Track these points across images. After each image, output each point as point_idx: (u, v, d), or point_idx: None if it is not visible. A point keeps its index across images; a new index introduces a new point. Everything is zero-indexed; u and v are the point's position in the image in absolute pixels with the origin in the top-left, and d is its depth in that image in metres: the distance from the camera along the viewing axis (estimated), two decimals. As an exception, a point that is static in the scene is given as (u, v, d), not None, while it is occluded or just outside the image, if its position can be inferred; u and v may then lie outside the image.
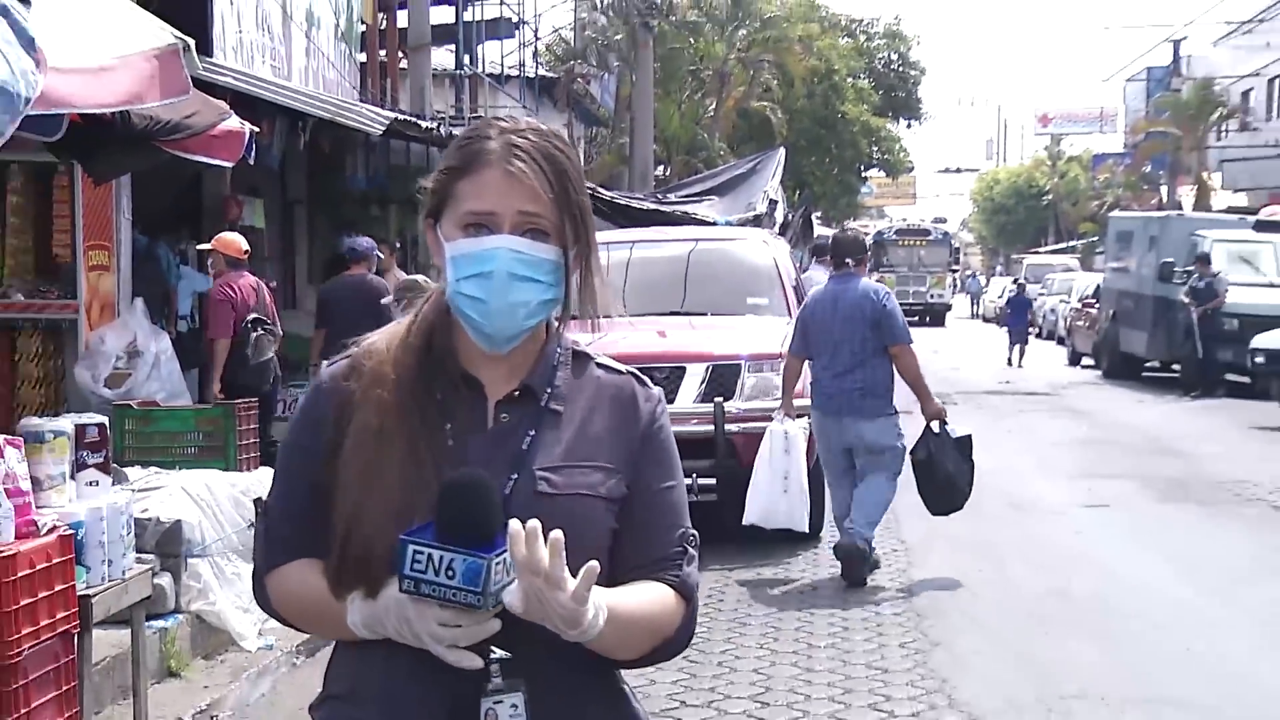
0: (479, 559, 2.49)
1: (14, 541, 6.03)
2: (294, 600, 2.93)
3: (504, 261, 2.77)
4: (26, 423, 6.98)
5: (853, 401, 12.00)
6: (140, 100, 8.35)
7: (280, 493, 3.00)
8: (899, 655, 9.72)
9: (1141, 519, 15.05)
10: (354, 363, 2.91)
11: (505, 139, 2.84)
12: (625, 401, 2.99)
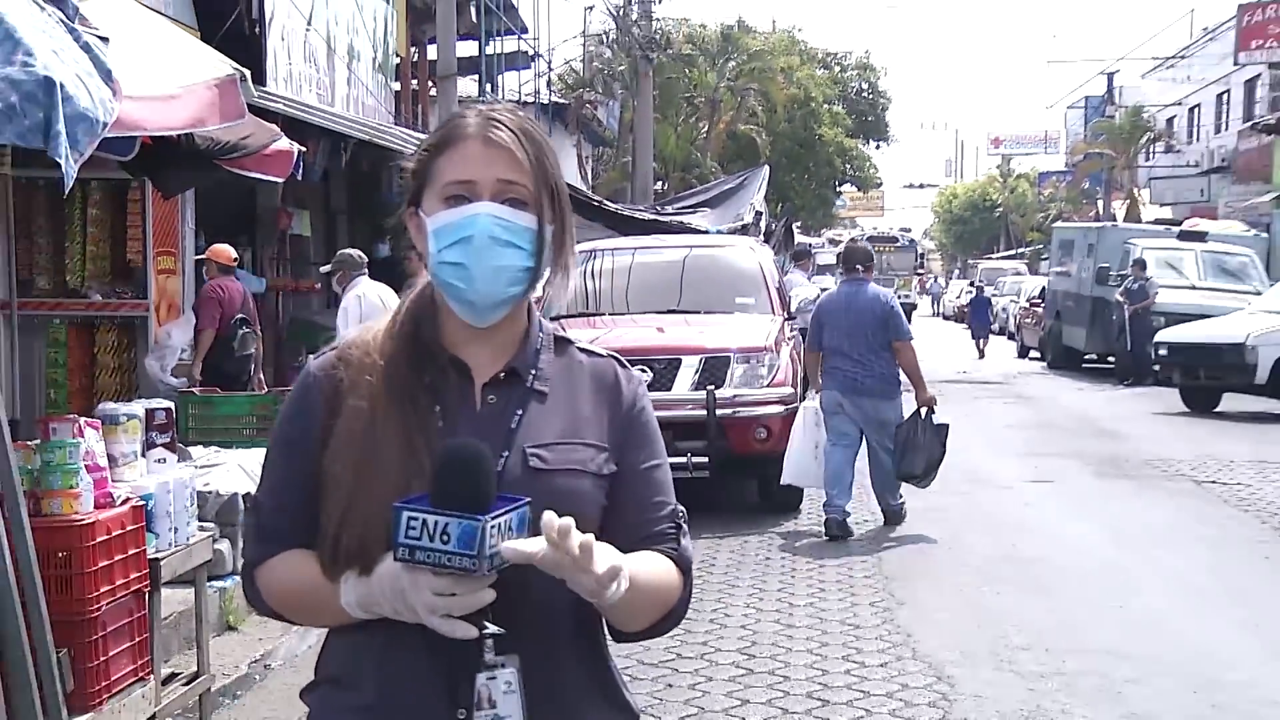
0: (474, 520, 2.25)
1: (93, 511, 6.02)
2: (285, 590, 2.66)
3: (485, 225, 2.54)
4: (103, 407, 6.99)
5: (870, 386, 12.58)
6: (203, 124, 8.36)
7: (270, 485, 2.73)
8: (869, 613, 9.72)
9: (1080, 492, 15.05)
10: (341, 354, 2.69)
11: (482, 116, 2.65)
12: (608, 384, 2.77)
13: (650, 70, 37.79)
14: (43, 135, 5.64)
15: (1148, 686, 7.43)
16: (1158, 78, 62.87)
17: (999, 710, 7.56)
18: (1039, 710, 7.56)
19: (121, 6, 8.17)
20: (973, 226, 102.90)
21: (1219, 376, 22.37)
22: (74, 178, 5.96)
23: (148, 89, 7.25)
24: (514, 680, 2.43)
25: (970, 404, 23.12)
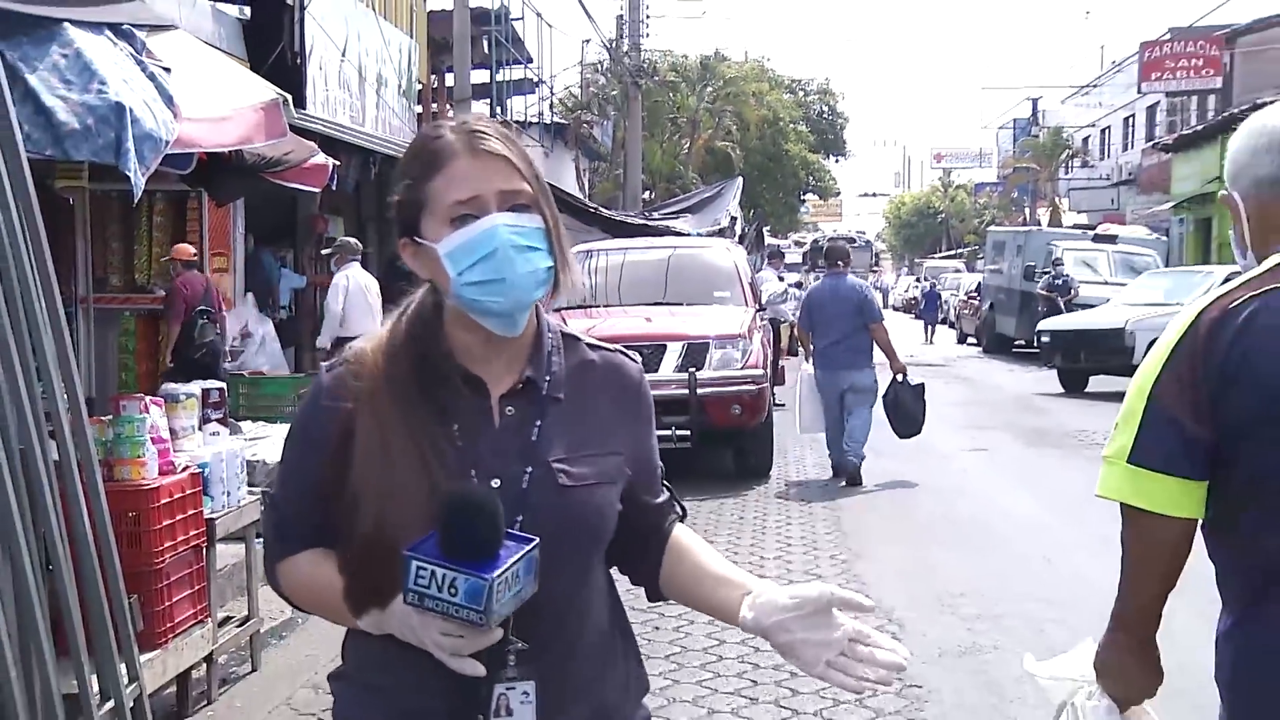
0: (481, 580, 2.00)
1: (157, 477, 6.06)
2: (305, 590, 2.38)
3: (505, 237, 2.19)
4: (166, 388, 7.01)
5: (847, 359, 13.35)
6: (250, 141, 8.36)
7: (286, 487, 2.41)
8: (830, 565, 9.74)
9: (1011, 460, 15.09)
10: (346, 378, 2.31)
11: (460, 130, 2.27)
12: (619, 380, 2.45)
13: (639, 95, 37.89)
14: (114, 153, 5.66)
15: (1066, 626, 7.43)
16: (1075, 103, 63.29)
17: (941, 647, 7.58)
18: (974, 646, 7.60)
19: (182, 41, 8.17)
20: (918, 230, 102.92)
21: (1099, 359, 22.19)
22: (141, 189, 5.97)
23: (203, 112, 7.24)
24: (531, 691, 2.21)
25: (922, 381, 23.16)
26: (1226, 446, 2.62)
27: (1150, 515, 2.67)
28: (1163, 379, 2.65)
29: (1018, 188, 68.24)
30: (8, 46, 5.31)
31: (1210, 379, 2.60)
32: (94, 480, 5.37)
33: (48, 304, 5.18)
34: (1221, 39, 41.84)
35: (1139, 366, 2.76)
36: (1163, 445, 2.63)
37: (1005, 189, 73.84)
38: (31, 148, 5.31)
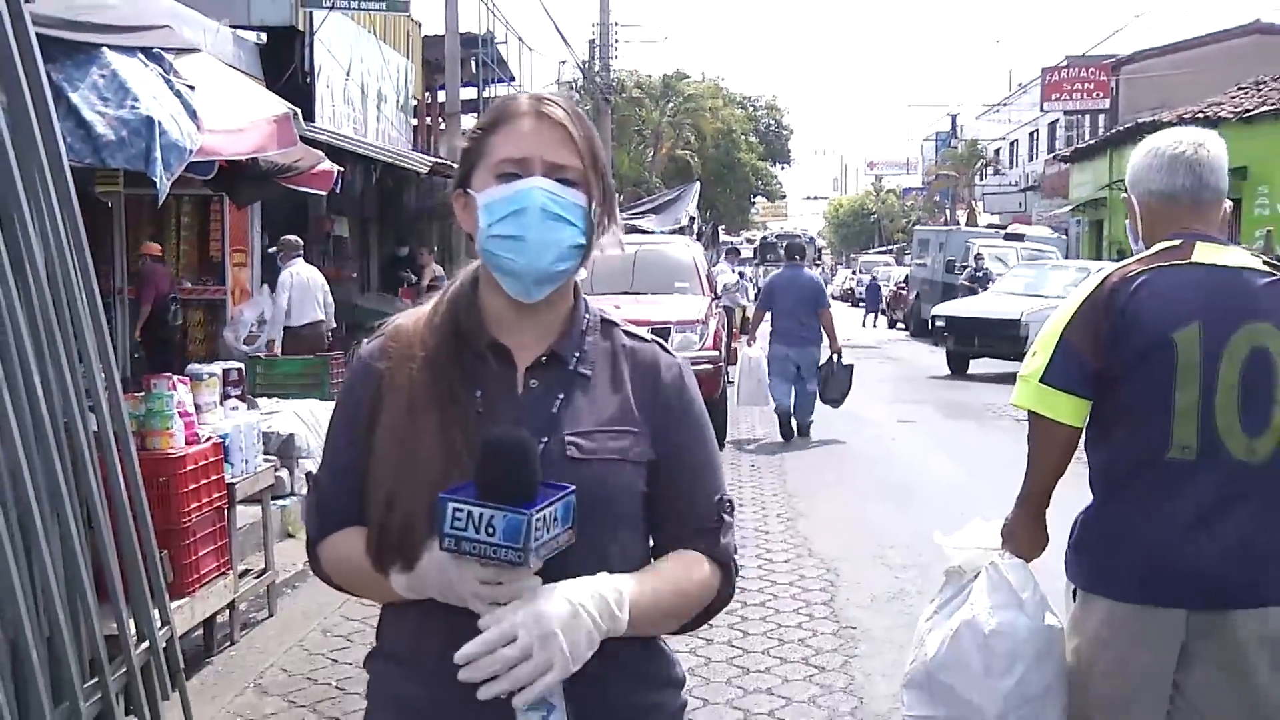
0: (519, 514, 1.79)
1: (184, 447, 6.07)
2: (345, 566, 2.14)
3: (538, 198, 2.00)
4: (191, 368, 7.01)
5: (800, 337, 14.26)
6: (264, 150, 8.37)
7: (329, 466, 2.19)
8: (777, 522, 9.77)
9: (935, 430, 15.16)
10: (386, 344, 2.13)
11: (534, 98, 2.12)
12: (650, 369, 2.17)
13: (609, 109, 37.88)
14: (144, 161, 5.66)
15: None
16: (987, 119, 63.80)
17: (872, 593, 7.63)
18: (901, 591, 7.64)
19: (205, 63, 8.15)
20: (854, 229, 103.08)
21: (992, 345, 21.99)
22: (166, 193, 5.98)
23: (223, 124, 7.23)
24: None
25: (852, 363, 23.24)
26: (1110, 378, 3.19)
27: (1051, 421, 3.28)
28: (1074, 322, 3.23)
29: (940, 192, 68.70)
30: (54, 69, 5.30)
31: (1107, 325, 3.18)
32: (129, 449, 5.39)
33: (87, 295, 5.19)
34: (1109, 66, 42.54)
35: (1055, 310, 3.35)
36: (1067, 371, 3.22)
37: (929, 193, 74.27)
38: (73, 156, 5.32)
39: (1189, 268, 3.19)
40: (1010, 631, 3.23)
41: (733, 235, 59.31)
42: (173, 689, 5.49)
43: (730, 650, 6.52)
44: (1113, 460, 3.28)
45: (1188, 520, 3.11)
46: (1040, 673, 3.23)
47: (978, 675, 3.24)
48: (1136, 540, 3.18)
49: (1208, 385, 3.11)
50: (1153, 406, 3.15)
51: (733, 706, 5.73)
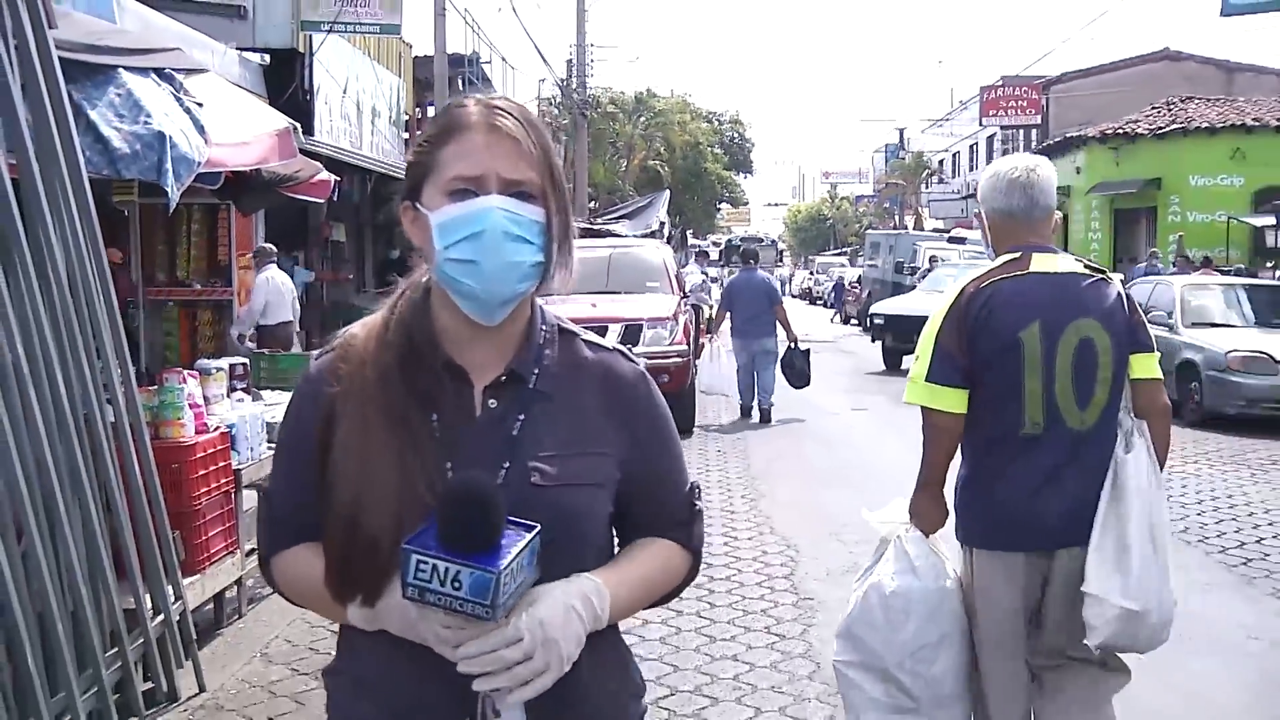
0: (488, 572, 1.59)
1: (194, 436, 6.04)
2: (298, 584, 1.91)
3: (496, 220, 1.75)
4: (200, 363, 7.00)
5: (757, 330, 14.76)
6: (267, 161, 8.34)
7: (280, 481, 1.96)
8: (741, 502, 9.79)
9: (886, 417, 15.14)
10: (336, 363, 1.87)
11: (483, 105, 1.84)
12: (614, 381, 1.95)
13: (585, 123, 37.91)
14: (156, 172, 5.66)
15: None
16: (932, 133, 64.05)
17: (828, 567, 7.64)
18: (855, 565, 7.53)
19: (213, 82, 8.12)
20: (811, 233, 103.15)
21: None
22: (176, 202, 5.98)
23: (229, 138, 7.21)
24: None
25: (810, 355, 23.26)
26: (976, 371, 3.66)
27: (939, 412, 3.74)
28: (943, 328, 3.69)
29: (889, 199, 68.91)
30: (75, 89, 5.31)
31: (968, 329, 3.64)
32: (143, 438, 5.40)
33: (104, 296, 5.19)
34: (1040, 86, 42.92)
35: (928, 320, 3.78)
36: (944, 368, 3.68)
37: (879, 200, 74.47)
38: (91, 168, 5.33)
39: (1027, 277, 3.68)
40: (905, 593, 3.70)
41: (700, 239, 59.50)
42: (186, 658, 5.51)
43: (698, 620, 6.54)
44: (979, 437, 3.74)
45: (1037, 482, 3.63)
46: (932, 626, 3.68)
47: (881, 628, 3.72)
48: (999, 500, 3.70)
49: (1049, 372, 3.61)
50: (1009, 393, 3.64)
51: (700, 672, 5.75)
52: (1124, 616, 3.52)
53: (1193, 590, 7.32)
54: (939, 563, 3.77)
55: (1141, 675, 5.73)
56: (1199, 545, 8.39)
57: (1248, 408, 13.86)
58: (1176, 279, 17.09)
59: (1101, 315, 3.64)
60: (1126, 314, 3.70)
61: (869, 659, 3.74)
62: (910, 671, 3.68)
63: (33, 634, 4.30)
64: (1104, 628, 3.54)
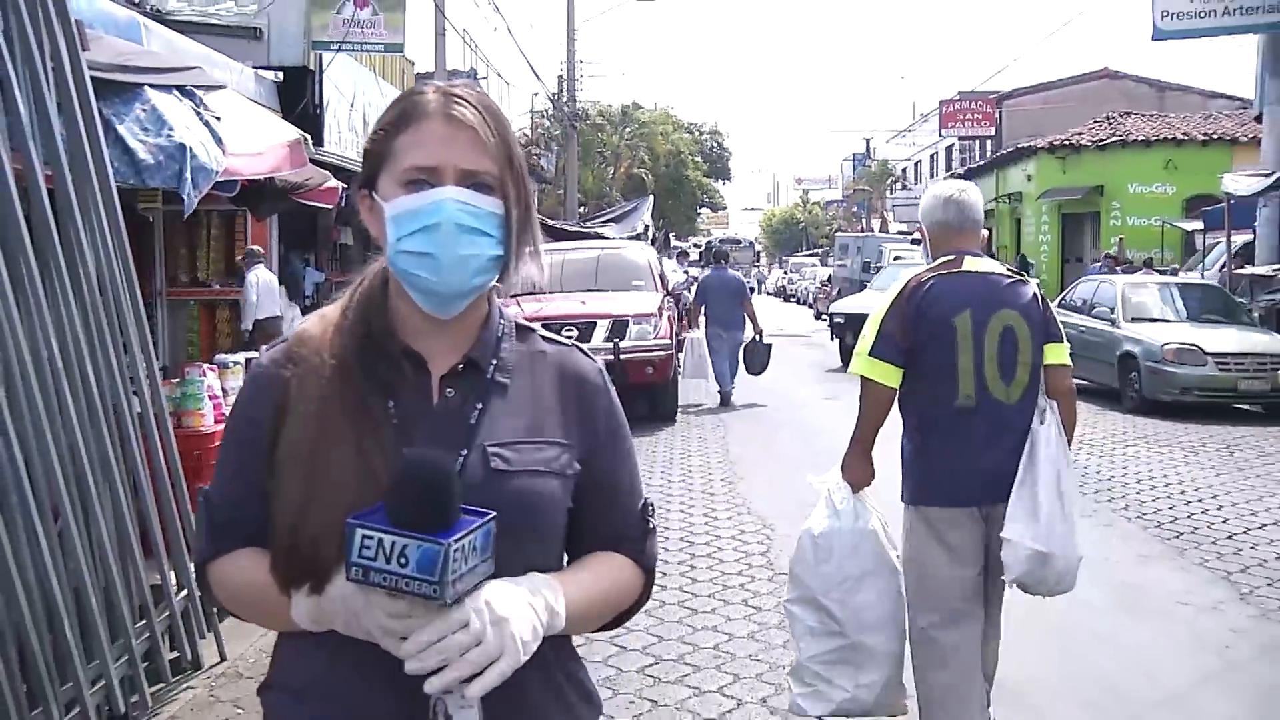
0: (435, 544, 1.37)
1: (214, 425, 6.07)
2: (236, 590, 1.68)
3: (451, 212, 1.57)
4: (219, 357, 7.00)
5: (730, 323, 15.26)
6: (279, 170, 8.34)
7: (222, 482, 1.72)
8: (720, 484, 9.81)
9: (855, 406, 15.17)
10: (292, 350, 1.67)
11: (441, 92, 1.64)
12: (570, 375, 1.77)
13: (575, 134, 37.85)
14: (177, 181, 5.65)
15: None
16: (896, 143, 64.19)
17: (800, 544, 7.65)
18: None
19: (230, 98, 8.10)
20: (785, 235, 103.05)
21: None
22: (193, 208, 5.98)
23: (244, 149, 7.21)
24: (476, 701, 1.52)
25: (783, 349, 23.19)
26: (915, 351, 4.01)
27: (876, 383, 4.15)
28: (888, 314, 4.06)
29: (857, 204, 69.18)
30: (105, 105, 5.31)
31: (908, 315, 4.01)
32: (166, 427, 5.40)
33: (130, 296, 5.18)
34: (993, 100, 43.24)
35: (876, 305, 4.18)
36: (886, 348, 4.05)
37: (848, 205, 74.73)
38: (119, 178, 5.32)
39: (960, 275, 4.06)
40: (829, 534, 4.18)
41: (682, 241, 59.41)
42: (208, 630, 5.51)
43: (681, 595, 6.55)
44: (920, 409, 4.12)
45: (973, 447, 3.96)
46: (852, 562, 4.11)
47: (810, 565, 4.17)
48: (939, 464, 4.06)
49: (978, 353, 3.95)
50: (945, 370, 3.97)
51: (683, 641, 5.76)
52: (1033, 558, 3.88)
53: (1131, 561, 7.38)
54: (862, 510, 4.20)
55: (1085, 637, 5.80)
56: (1137, 520, 8.44)
57: (1181, 395, 13.96)
58: (1119, 278, 17.18)
59: (1021, 309, 4.01)
60: (1041, 310, 4.08)
61: (805, 593, 4.16)
62: (836, 601, 4.09)
63: (70, 607, 4.31)
64: (1017, 566, 3.90)
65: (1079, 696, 5.08)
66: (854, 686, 4.10)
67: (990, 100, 43.01)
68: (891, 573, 4.13)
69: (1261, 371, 13.67)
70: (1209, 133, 31.44)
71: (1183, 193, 29.73)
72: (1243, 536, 7.96)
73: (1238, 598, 6.57)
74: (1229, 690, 5.21)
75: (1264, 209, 18.57)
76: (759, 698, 5.00)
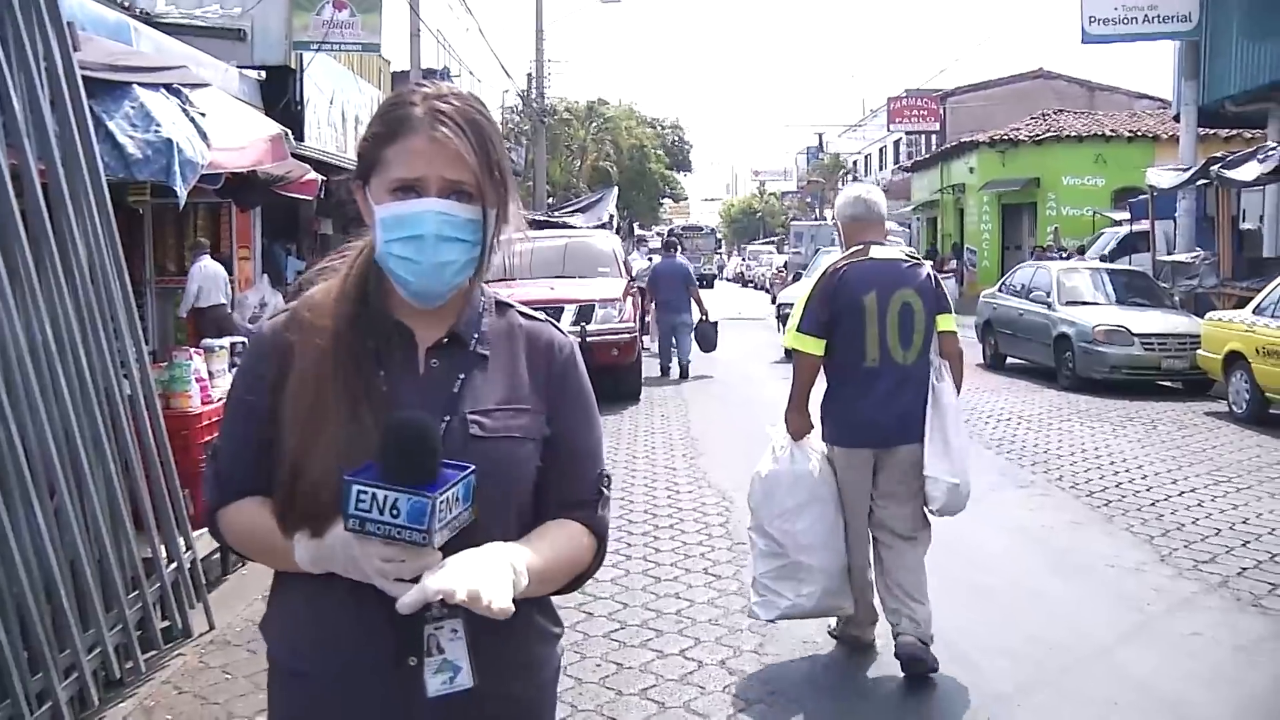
0: (424, 498, 1.50)
1: (200, 406, 6.03)
2: (245, 535, 1.78)
3: (432, 224, 1.66)
4: (205, 342, 6.92)
5: (676, 306, 16.08)
6: (262, 163, 8.31)
7: (228, 436, 1.83)
8: (681, 459, 9.84)
9: (805, 384, 15.30)
10: (294, 314, 1.78)
11: (429, 104, 1.70)
12: (543, 348, 1.85)
13: (543, 128, 37.67)
14: (165, 174, 5.61)
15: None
16: (848, 137, 64.38)
17: (756, 514, 7.70)
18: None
19: (215, 96, 8.03)
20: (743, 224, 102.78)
21: None
22: (184, 200, 5.93)
23: (228, 143, 7.16)
24: (460, 628, 1.63)
25: (740, 332, 23.28)
26: (833, 323, 4.77)
27: (805, 353, 4.84)
28: (813, 294, 4.82)
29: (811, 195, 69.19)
30: (95, 102, 5.27)
31: (829, 295, 4.78)
32: (155, 408, 5.36)
33: (121, 284, 5.15)
34: (938, 97, 43.40)
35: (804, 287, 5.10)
36: (811, 323, 4.80)
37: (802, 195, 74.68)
38: (109, 172, 5.28)
39: (867, 261, 4.80)
40: (773, 475, 4.87)
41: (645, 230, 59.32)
42: (197, 600, 5.50)
43: (645, 564, 6.59)
44: (836, 369, 4.86)
45: (878, 399, 4.74)
46: (790, 498, 4.79)
47: (760, 499, 4.90)
48: (850, 412, 4.82)
49: (882, 324, 4.72)
50: (856, 338, 4.74)
51: (647, 608, 5.79)
52: (951, 489, 4.71)
53: (1064, 527, 7.48)
54: (800, 454, 4.86)
55: (1019, 596, 5.90)
56: (1070, 490, 8.55)
57: (1110, 373, 14.12)
58: (1053, 264, 17.35)
59: (917, 288, 4.79)
60: (934, 288, 4.85)
61: (757, 523, 4.91)
62: (779, 529, 4.80)
63: (66, 579, 4.30)
64: (940, 497, 4.72)
65: (1013, 651, 5.16)
66: (795, 596, 4.80)
67: (935, 97, 43.20)
68: (825, 504, 4.79)
69: (1182, 351, 13.85)
70: (1135, 130, 32.03)
71: (1111, 185, 30.20)
72: (1164, 503, 8.08)
73: (1158, 559, 6.68)
74: (1148, 642, 5.31)
75: (1183, 200, 18.89)
76: (718, 659, 5.04)
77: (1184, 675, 4.90)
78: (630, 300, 13.99)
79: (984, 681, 4.79)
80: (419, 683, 1.63)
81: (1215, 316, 13.18)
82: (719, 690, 4.69)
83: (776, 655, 5.09)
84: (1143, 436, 10.98)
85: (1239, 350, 12.00)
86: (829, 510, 4.78)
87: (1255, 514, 7.75)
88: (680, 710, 4.48)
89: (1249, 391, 11.80)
